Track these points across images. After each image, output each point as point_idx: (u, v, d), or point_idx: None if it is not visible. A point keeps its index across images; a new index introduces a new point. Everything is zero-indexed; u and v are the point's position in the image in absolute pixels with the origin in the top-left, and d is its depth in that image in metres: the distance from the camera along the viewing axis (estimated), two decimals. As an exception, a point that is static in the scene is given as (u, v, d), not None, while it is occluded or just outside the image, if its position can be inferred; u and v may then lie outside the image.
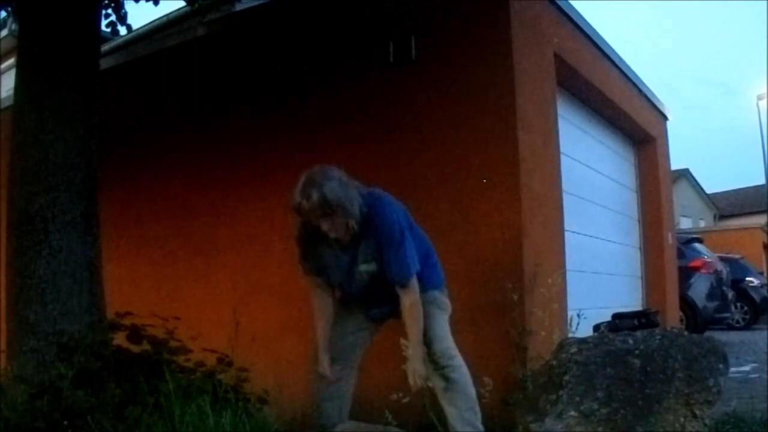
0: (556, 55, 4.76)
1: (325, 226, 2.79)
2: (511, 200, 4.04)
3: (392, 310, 3.00)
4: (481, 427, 3.06)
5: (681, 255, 8.81)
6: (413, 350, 2.95)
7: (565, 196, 4.76)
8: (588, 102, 5.92)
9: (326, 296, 3.09)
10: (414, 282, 2.94)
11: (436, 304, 3.10)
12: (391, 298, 2.96)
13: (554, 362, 2.67)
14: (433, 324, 3.05)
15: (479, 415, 3.07)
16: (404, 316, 2.94)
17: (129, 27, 5.26)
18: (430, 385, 3.04)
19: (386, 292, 2.95)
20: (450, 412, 3.03)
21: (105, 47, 5.69)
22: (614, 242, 6.48)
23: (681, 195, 23.22)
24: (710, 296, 9.95)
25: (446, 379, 3.02)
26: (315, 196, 2.71)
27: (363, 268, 2.96)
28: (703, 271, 10.00)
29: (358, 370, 3.28)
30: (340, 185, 2.77)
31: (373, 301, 3.09)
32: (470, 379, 3.07)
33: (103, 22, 4.71)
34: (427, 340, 3.02)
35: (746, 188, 29.05)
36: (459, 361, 3.06)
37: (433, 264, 3.19)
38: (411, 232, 2.99)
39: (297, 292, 3.13)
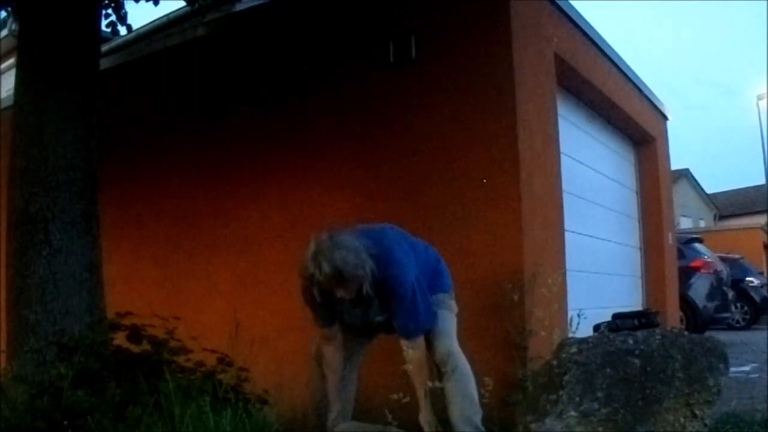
0: (556, 55, 4.76)
1: (339, 293, 2.83)
2: (511, 200, 4.04)
3: None
4: (481, 426, 3.07)
5: (681, 255, 8.81)
6: (422, 402, 3.02)
7: (565, 196, 4.76)
8: (588, 102, 5.92)
9: (338, 349, 3.13)
10: (420, 338, 3.01)
11: (442, 306, 3.16)
12: None
13: (554, 362, 2.67)
14: (437, 322, 3.07)
15: (480, 414, 3.08)
16: (410, 371, 3.01)
17: (129, 27, 5.26)
18: (431, 384, 3.05)
19: None
20: (451, 410, 3.05)
21: (105, 47, 5.69)
22: (614, 242, 6.48)
23: (681, 195, 23.21)
24: (710, 296, 9.95)
25: (447, 377, 3.03)
26: (327, 268, 2.73)
27: (377, 319, 3.05)
28: (703, 271, 10.00)
29: (359, 370, 3.29)
30: (352, 253, 2.78)
31: (384, 331, 3.18)
32: (472, 378, 3.08)
33: (103, 22, 4.71)
34: (430, 337, 3.05)
35: (746, 188, 29.05)
36: (461, 360, 3.07)
37: (439, 271, 3.26)
38: (419, 282, 3.03)
39: (297, 292, 3.12)
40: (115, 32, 5.27)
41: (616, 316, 4.77)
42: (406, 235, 3.21)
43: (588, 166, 5.87)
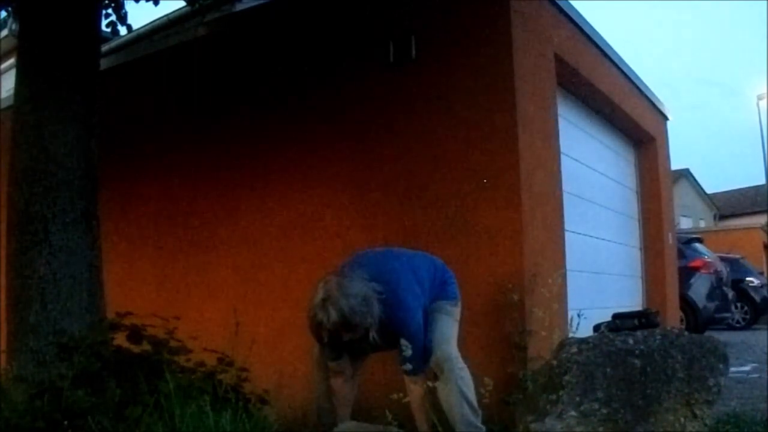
0: (556, 55, 4.76)
1: (346, 337, 2.87)
2: (511, 200, 4.04)
3: None
4: (481, 426, 3.07)
5: (681, 255, 8.81)
6: None
7: (565, 196, 4.76)
8: (588, 102, 5.91)
9: (346, 381, 3.15)
10: (422, 375, 3.04)
11: (443, 312, 3.18)
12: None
13: (554, 362, 2.67)
14: (436, 327, 3.10)
15: (480, 415, 3.09)
16: (412, 406, 3.03)
17: (129, 27, 5.26)
18: (431, 385, 3.05)
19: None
20: (449, 411, 3.04)
21: (105, 47, 5.69)
22: (614, 242, 6.47)
23: (681, 195, 23.24)
24: (710, 296, 9.96)
25: (445, 380, 3.04)
26: (335, 315, 2.77)
27: (384, 349, 3.08)
28: (703, 271, 10.01)
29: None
30: (360, 302, 2.80)
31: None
32: (471, 380, 3.08)
33: (103, 22, 4.72)
34: (428, 342, 3.05)
35: (746, 188, 29.09)
36: (459, 363, 3.08)
37: (446, 281, 3.28)
38: (426, 318, 3.06)
39: (297, 292, 3.13)
40: (115, 32, 5.27)
41: (616, 316, 4.75)
42: (410, 258, 3.25)
43: (588, 166, 5.87)
